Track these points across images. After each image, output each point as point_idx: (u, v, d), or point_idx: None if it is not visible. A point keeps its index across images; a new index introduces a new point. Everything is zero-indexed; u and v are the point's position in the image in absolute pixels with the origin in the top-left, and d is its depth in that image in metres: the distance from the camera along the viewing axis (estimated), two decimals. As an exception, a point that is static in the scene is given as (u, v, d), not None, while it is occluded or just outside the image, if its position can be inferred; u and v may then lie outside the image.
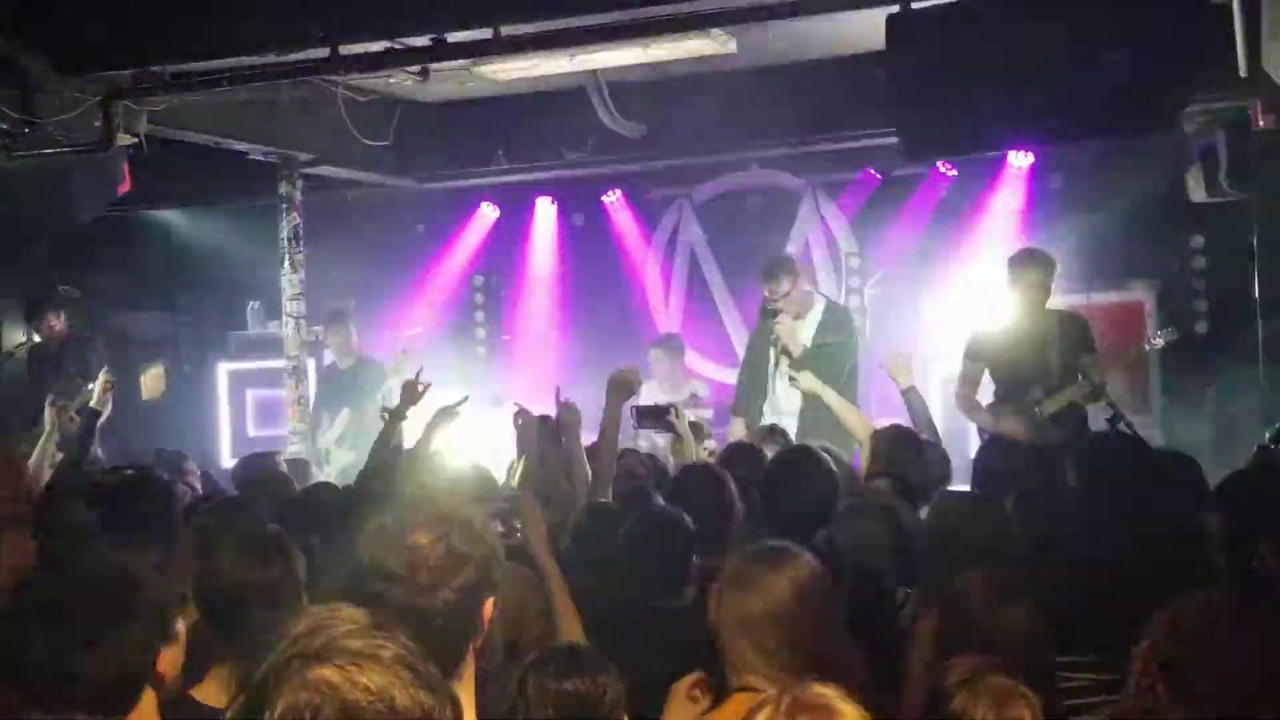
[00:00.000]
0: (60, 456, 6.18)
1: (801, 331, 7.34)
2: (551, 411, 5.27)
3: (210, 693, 2.59)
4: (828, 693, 1.80)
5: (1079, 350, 6.65)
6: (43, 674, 2.04)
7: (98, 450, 7.96)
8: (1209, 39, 5.64)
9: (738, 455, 5.22)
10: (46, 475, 5.70)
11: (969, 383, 6.93)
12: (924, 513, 4.40)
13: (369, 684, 1.42)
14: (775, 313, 7.33)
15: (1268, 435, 6.04)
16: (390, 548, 2.09)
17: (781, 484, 4.13)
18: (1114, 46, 5.35)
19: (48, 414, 6.15)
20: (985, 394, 6.93)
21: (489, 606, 2.14)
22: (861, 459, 5.52)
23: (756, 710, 1.80)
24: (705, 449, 6.16)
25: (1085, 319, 6.88)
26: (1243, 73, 5.74)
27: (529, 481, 4.74)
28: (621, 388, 5.12)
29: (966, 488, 5.64)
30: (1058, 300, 6.94)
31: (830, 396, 6.00)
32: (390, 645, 1.47)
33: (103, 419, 6.33)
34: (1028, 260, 6.74)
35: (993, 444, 6.12)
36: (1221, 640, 2.12)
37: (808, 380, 6.04)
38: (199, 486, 5.95)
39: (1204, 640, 2.12)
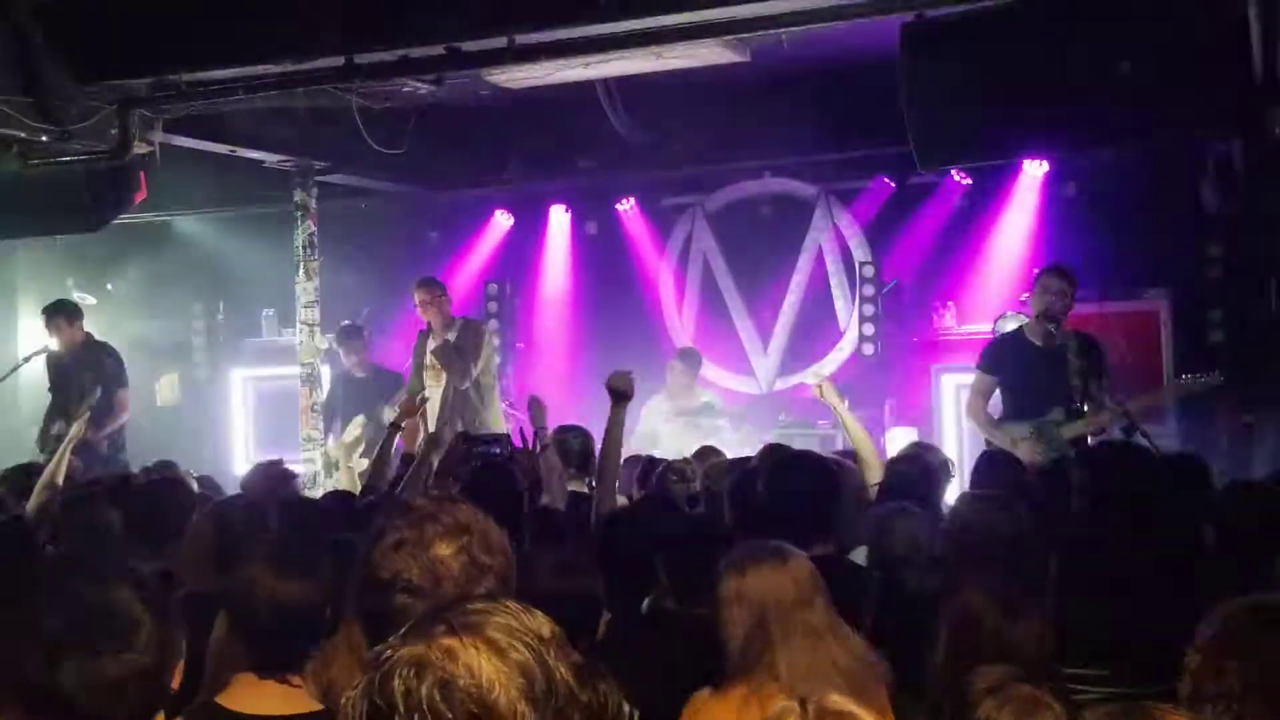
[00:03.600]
0: (77, 462, 6.22)
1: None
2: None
3: (237, 699, 2.58)
4: (848, 702, 1.79)
5: (1095, 374, 6.63)
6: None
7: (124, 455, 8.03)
8: (1225, 47, 5.62)
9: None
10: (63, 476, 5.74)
11: (980, 393, 6.90)
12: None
13: (476, 667, 1.42)
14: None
15: None
16: (411, 560, 2.07)
17: (783, 488, 4.11)
18: (1128, 55, 5.34)
19: (75, 426, 6.19)
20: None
21: None
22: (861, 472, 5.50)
23: (779, 716, 1.78)
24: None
25: (1102, 343, 6.87)
26: (1259, 80, 5.72)
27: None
28: (617, 395, 5.11)
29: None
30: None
31: (843, 410, 6.02)
32: (524, 653, 1.46)
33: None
34: (1051, 271, 6.79)
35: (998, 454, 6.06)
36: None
37: (830, 392, 6.06)
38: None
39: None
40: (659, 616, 3.53)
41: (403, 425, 5.96)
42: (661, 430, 8.78)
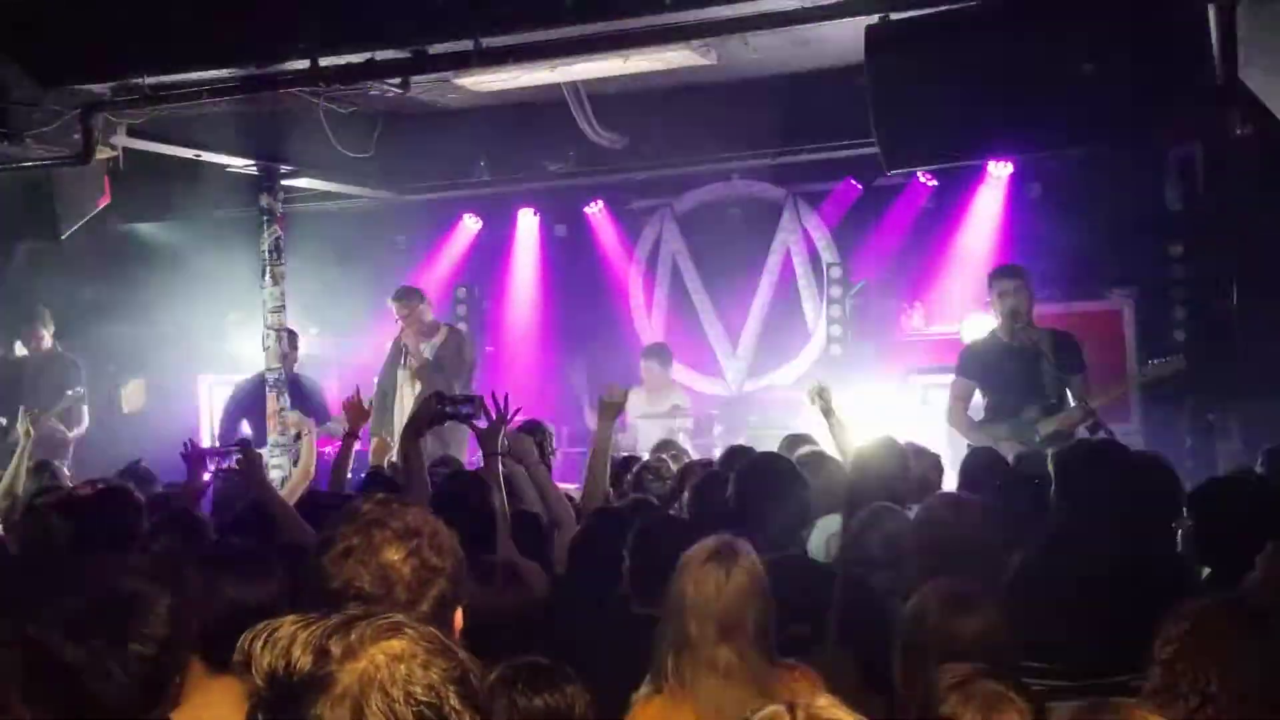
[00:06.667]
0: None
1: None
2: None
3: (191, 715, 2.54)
4: (837, 708, 1.78)
5: (1070, 369, 6.67)
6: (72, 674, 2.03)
7: (66, 466, 7.96)
8: (1186, 48, 5.67)
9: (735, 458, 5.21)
10: (22, 483, 5.70)
11: (960, 398, 6.95)
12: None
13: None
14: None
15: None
16: (362, 567, 2.05)
17: (756, 488, 4.12)
18: (1092, 57, 5.39)
19: (21, 423, 6.13)
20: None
21: (459, 617, 2.12)
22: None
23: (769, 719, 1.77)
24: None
25: (1076, 337, 6.91)
26: (1219, 82, 5.78)
27: None
28: (609, 408, 5.26)
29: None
30: (1036, 311, 6.99)
31: (832, 420, 6.05)
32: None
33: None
34: (1001, 272, 6.84)
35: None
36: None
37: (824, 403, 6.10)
38: None
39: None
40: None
41: (358, 433, 5.80)
42: (640, 426, 8.82)
